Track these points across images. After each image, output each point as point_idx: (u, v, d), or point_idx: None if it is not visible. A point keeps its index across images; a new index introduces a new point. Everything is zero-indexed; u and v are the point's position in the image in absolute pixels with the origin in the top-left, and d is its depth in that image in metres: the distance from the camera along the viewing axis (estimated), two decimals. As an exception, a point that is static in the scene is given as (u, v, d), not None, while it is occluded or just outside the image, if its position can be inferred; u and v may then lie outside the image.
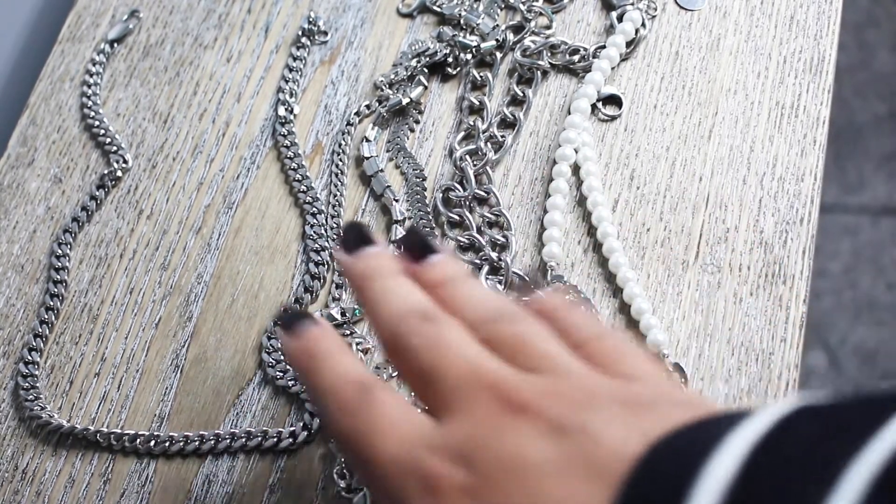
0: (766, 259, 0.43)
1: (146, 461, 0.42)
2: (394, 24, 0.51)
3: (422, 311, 0.32)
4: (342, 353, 0.33)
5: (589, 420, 0.27)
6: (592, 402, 0.28)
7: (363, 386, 0.31)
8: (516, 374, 0.30)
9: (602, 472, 0.26)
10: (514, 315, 0.32)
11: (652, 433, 0.27)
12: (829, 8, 0.49)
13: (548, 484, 0.27)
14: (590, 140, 0.46)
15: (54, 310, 0.45)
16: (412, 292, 0.34)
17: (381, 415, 0.30)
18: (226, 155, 0.48)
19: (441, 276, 0.35)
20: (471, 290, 0.34)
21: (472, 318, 0.33)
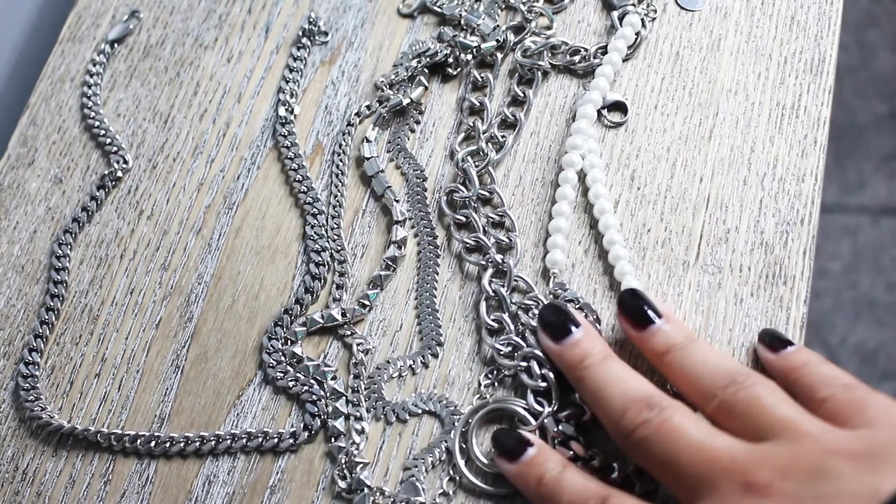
0: (766, 260, 0.43)
1: (147, 462, 0.42)
2: (394, 24, 0.51)
3: (643, 398, 0.34)
4: (568, 470, 0.35)
5: (824, 490, 0.29)
6: (827, 466, 0.29)
7: (602, 499, 0.33)
8: (749, 449, 0.31)
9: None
10: (747, 378, 0.34)
11: (886, 490, 0.28)
12: (830, 8, 0.49)
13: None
14: (595, 147, 0.46)
15: (55, 310, 0.45)
16: (631, 379, 0.35)
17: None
18: (226, 155, 0.48)
19: (667, 344, 0.36)
20: (699, 355, 0.35)
21: (702, 388, 0.34)
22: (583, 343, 0.37)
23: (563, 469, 0.35)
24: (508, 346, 0.42)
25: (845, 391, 0.33)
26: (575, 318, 0.38)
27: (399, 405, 0.42)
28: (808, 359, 0.36)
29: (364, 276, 0.45)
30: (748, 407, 0.33)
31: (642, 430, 0.33)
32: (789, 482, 0.30)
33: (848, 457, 0.30)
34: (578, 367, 0.37)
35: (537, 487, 0.35)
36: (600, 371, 0.36)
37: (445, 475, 0.40)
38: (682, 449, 0.32)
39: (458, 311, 0.44)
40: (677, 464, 0.32)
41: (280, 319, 0.44)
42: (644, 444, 0.33)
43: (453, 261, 0.45)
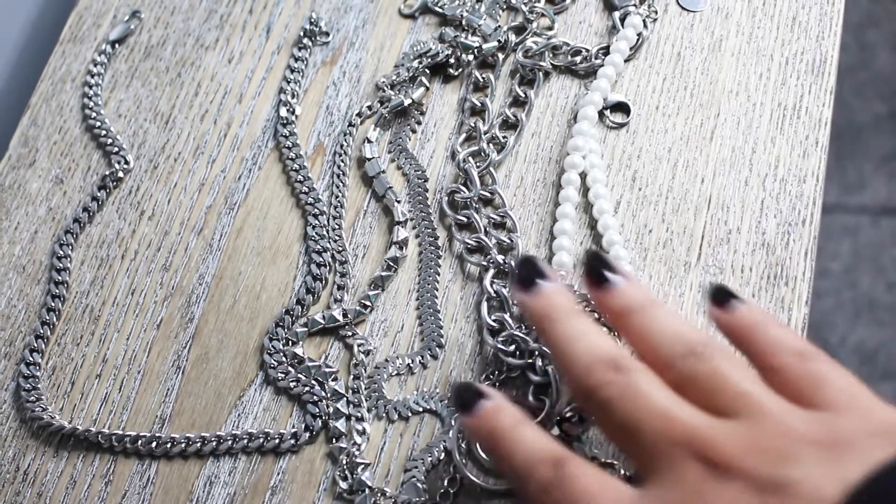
0: (767, 260, 0.43)
1: (148, 462, 0.42)
2: (395, 24, 0.51)
3: (610, 359, 0.33)
4: (522, 425, 0.33)
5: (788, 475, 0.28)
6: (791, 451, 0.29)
7: (557, 461, 0.32)
8: (712, 424, 0.30)
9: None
10: (706, 348, 0.32)
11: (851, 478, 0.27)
12: (831, 9, 0.49)
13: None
14: (596, 147, 0.46)
15: (55, 311, 0.45)
16: (597, 337, 0.34)
17: (579, 490, 0.31)
18: (227, 156, 0.48)
19: (626, 304, 0.35)
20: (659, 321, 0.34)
21: (663, 355, 0.33)
22: (553, 295, 0.36)
23: (517, 423, 0.34)
24: (511, 344, 0.42)
25: (800, 362, 0.32)
26: (547, 273, 0.36)
27: (400, 403, 0.42)
28: (758, 318, 0.34)
29: (365, 277, 0.45)
30: (708, 381, 0.32)
31: (607, 390, 0.32)
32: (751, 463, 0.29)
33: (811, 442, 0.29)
34: (546, 318, 0.35)
35: (491, 440, 0.34)
36: (568, 325, 0.34)
37: (446, 475, 0.40)
38: (645, 414, 0.31)
39: (460, 312, 0.44)
40: (639, 429, 0.31)
41: (281, 320, 0.44)
42: (607, 406, 0.32)
43: (454, 261, 0.45)
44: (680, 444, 0.30)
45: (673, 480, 0.30)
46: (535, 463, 0.32)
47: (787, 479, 0.28)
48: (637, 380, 0.32)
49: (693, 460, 0.29)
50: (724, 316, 0.35)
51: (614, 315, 0.35)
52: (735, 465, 0.29)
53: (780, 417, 0.30)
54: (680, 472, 0.30)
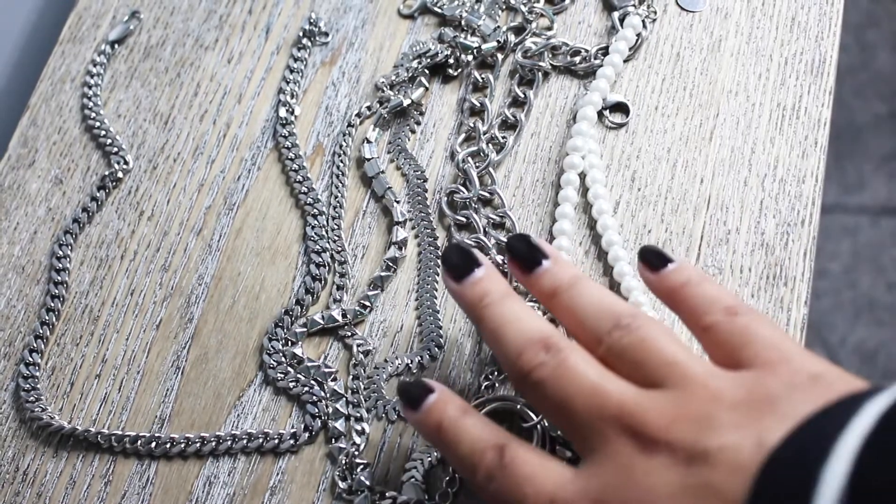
0: (767, 261, 0.43)
1: (147, 463, 0.42)
2: (395, 25, 0.51)
3: (539, 339, 0.33)
4: (466, 416, 0.34)
5: (708, 443, 0.28)
6: (713, 417, 0.29)
7: (498, 448, 0.32)
8: (640, 396, 0.31)
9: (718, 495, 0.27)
10: (632, 319, 0.33)
11: (770, 439, 0.27)
12: (831, 9, 0.49)
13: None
14: (595, 147, 0.46)
15: (55, 311, 0.45)
16: (528, 319, 0.34)
17: (520, 474, 0.31)
18: (227, 156, 0.48)
19: (553, 285, 0.35)
20: (586, 297, 0.34)
21: (592, 331, 0.33)
22: (483, 282, 0.36)
23: (462, 415, 0.34)
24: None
25: (728, 319, 0.32)
26: (477, 259, 0.36)
27: (393, 403, 0.42)
28: (688, 277, 0.34)
29: (364, 277, 0.45)
30: (634, 352, 0.32)
31: (538, 372, 0.32)
32: (675, 434, 0.29)
33: (733, 405, 0.29)
34: (478, 305, 0.35)
35: (437, 434, 0.34)
36: (499, 310, 0.34)
37: (445, 475, 0.40)
38: (575, 391, 0.31)
39: (459, 313, 0.44)
40: (571, 407, 0.31)
41: (280, 320, 0.44)
42: (540, 387, 0.32)
43: (454, 262, 0.45)
44: (610, 419, 0.30)
45: (605, 455, 0.30)
46: (479, 451, 0.32)
47: (708, 447, 0.28)
48: (567, 358, 0.32)
49: (623, 435, 0.30)
50: (654, 277, 0.35)
51: (544, 297, 0.35)
52: (660, 438, 0.29)
53: (705, 383, 0.30)
54: (611, 448, 0.30)
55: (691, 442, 0.28)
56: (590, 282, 0.35)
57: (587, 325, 0.33)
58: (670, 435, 0.29)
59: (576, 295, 0.34)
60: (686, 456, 0.28)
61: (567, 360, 0.32)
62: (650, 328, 0.32)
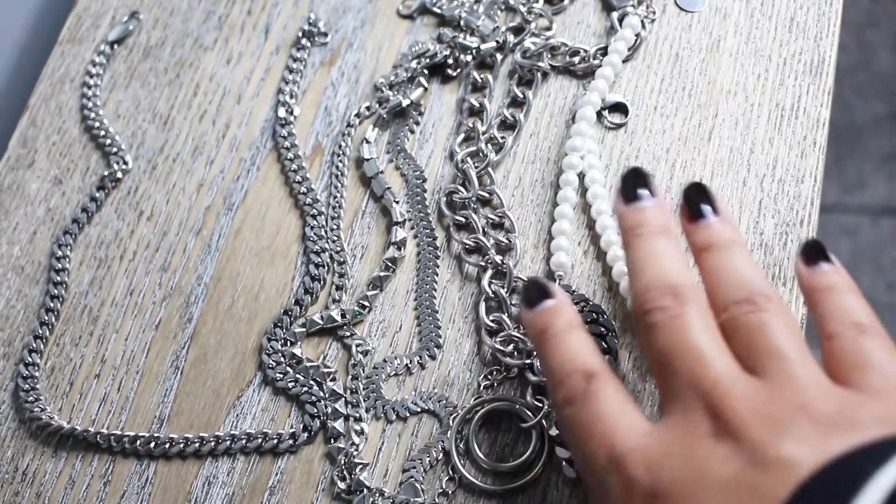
0: (766, 261, 0.43)
1: (146, 463, 0.42)
2: (394, 25, 0.51)
3: (671, 285, 0.33)
4: (571, 331, 0.34)
5: (774, 447, 0.28)
6: (792, 423, 0.29)
7: (587, 376, 0.32)
8: (737, 378, 0.30)
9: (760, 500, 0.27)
10: (763, 300, 0.32)
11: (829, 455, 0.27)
12: (830, 9, 0.49)
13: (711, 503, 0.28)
14: (594, 147, 0.46)
15: (54, 311, 0.45)
16: (671, 260, 0.34)
17: (600, 411, 0.31)
18: (226, 156, 0.48)
19: (710, 241, 0.35)
20: (732, 263, 0.34)
21: (724, 297, 0.33)
22: (648, 210, 0.36)
23: (568, 328, 0.34)
24: (510, 344, 0.42)
25: (854, 336, 0.32)
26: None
27: (398, 403, 0.42)
28: (835, 283, 0.34)
29: (363, 278, 0.45)
30: (751, 332, 0.32)
31: (657, 315, 0.32)
32: (751, 429, 0.29)
33: (814, 418, 0.29)
34: (633, 231, 0.35)
35: (540, 339, 0.34)
36: (649, 241, 0.35)
37: (444, 475, 0.40)
38: (681, 350, 0.31)
39: (458, 313, 0.44)
40: (671, 364, 0.31)
41: (279, 320, 0.44)
42: (651, 330, 0.32)
43: (453, 262, 0.45)
44: (701, 391, 0.30)
45: (679, 423, 0.30)
46: (569, 372, 0.33)
47: (771, 453, 0.28)
48: (687, 312, 0.32)
49: (704, 411, 0.30)
50: (805, 272, 0.35)
51: (697, 248, 0.35)
52: (735, 428, 0.29)
53: (804, 388, 0.30)
54: (688, 418, 0.30)
55: (759, 442, 0.28)
56: (746, 251, 0.35)
57: (721, 289, 0.33)
58: (746, 429, 0.29)
59: (726, 257, 0.34)
60: (750, 454, 0.28)
61: (686, 315, 0.32)
62: (776, 314, 0.32)
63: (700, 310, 0.32)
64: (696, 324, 0.32)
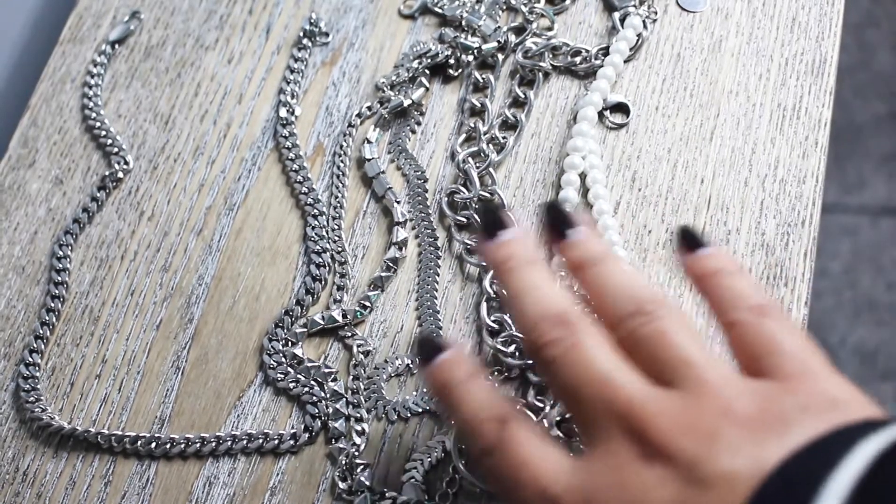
0: (767, 261, 0.43)
1: (147, 463, 0.42)
2: (395, 25, 0.51)
3: (557, 314, 0.32)
4: (472, 381, 0.33)
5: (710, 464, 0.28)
6: (721, 434, 0.28)
7: (500, 422, 0.31)
8: (649, 395, 0.30)
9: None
10: (654, 308, 0.32)
11: (768, 463, 0.27)
12: (831, 10, 0.48)
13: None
14: (596, 147, 0.46)
15: (55, 311, 0.45)
16: (549, 290, 0.33)
17: (520, 454, 0.31)
18: (227, 156, 0.48)
19: (582, 257, 0.34)
20: (612, 276, 0.33)
21: (612, 311, 0.32)
22: (511, 245, 0.35)
23: (469, 377, 0.33)
24: (511, 344, 0.42)
25: (756, 320, 0.31)
26: (508, 221, 0.36)
27: (399, 404, 0.42)
28: (722, 266, 0.33)
29: (365, 278, 0.45)
30: (651, 344, 0.31)
31: (551, 349, 0.31)
32: (679, 446, 0.28)
33: (740, 422, 0.28)
34: (502, 267, 0.34)
35: (442, 394, 0.33)
36: (521, 275, 0.34)
37: (445, 476, 0.40)
38: (586, 380, 0.30)
39: (459, 313, 0.44)
40: (578, 394, 0.30)
41: (281, 321, 0.44)
42: (550, 365, 0.31)
43: (454, 262, 0.45)
44: (616, 415, 0.30)
45: (605, 452, 0.30)
46: (480, 420, 0.32)
47: (708, 470, 0.27)
48: (581, 340, 0.31)
49: (626, 435, 0.29)
50: (686, 258, 0.34)
51: (572, 267, 0.34)
52: (663, 448, 0.28)
53: (720, 391, 0.29)
54: (613, 446, 0.29)
55: (693, 459, 0.28)
56: (620, 261, 0.34)
57: (609, 305, 0.33)
58: (673, 447, 0.28)
59: (604, 271, 0.33)
60: (686, 473, 0.28)
61: (581, 343, 0.31)
62: (671, 320, 0.31)
63: (593, 333, 0.32)
64: (593, 349, 0.31)
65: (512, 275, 0.34)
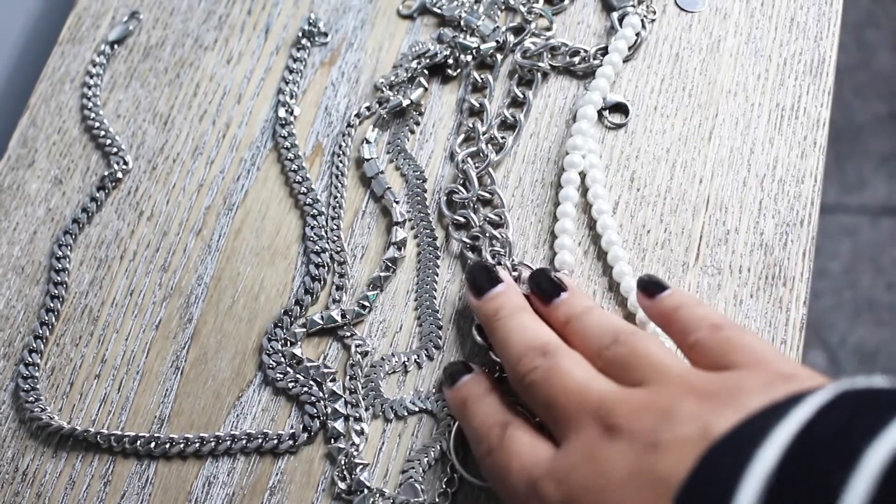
0: (766, 261, 0.43)
1: (146, 463, 0.42)
2: (394, 25, 0.51)
3: (540, 346, 0.36)
4: (487, 395, 0.38)
5: (664, 432, 0.30)
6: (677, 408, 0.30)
7: (503, 426, 0.35)
8: (619, 392, 0.33)
9: (661, 483, 0.29)
10: (629, 335, 0.35)
11: (716, 431, 0.29)
12: (830, 10, 0.49)
13: (617, 498, 0.29)
14: (595, 147, 0.46)
15: (54, 311, 0.45)
16: (533, 328, 0.37)
17: (513, 450, 0.34)
18: (226, 156, 0.48)
19: (568, 314, 0.38)
20: (594, 320, 0.37)
21: (593, 347, 0.36)
22: (500, 297, 0.39)
23: (485, 393, 0.38)
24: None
25: (713, 332, 0.34)
26: (498, 277, 0.40)
27: (396, 402, 0.42)
28: (681, 301, 0.36)
29: (364, 278, 0.45)
30: (626, 358, 0.34)
31: (533, 374, 0.35)
32: (637, 424, 0.31)
33: (697, 397, 0.30)
34: (492, 318, 0.38)
35: (461, 408, 0.38)
36: (509, 322, 0.38)
37: (444, 475, 0.40)
38: (561, 391, 0.34)
39: (458, 313, 0.44)
40: (555, 405, 0.34)
41: (280, 320, 0.44)
42: (532, 388, 0.35)
43: (453, 262, 0.45)
44: (589, 412, 0.32)
45: (576, 440, 0.32)
46: (487, 427, 0.36)
47: (661, 437, 0.30)
48: (559, 362, 0.35)
49: (594, 422, 0.32)
50: (649, 303, 0.38)
51: (559, 325, 0.38)
52: (623, 426, 0.31)
53: (682, 379, 0.32)
54: (582, 434, 0.32)
55: (649, 431, 0.30)
56: (601, 310, 0.38)
57: (590, 342, 0.36)
58: (632, 423, 0.31)
59: (587, 320, 0.37)
60: (642, 444, 0.30)
61: (558, 364, 0.35)
62: (644, 341, 0.35)
63: (570, 355, 0.35)
64: (568, 367, 0.34)
65: (501, 322, 0.38)
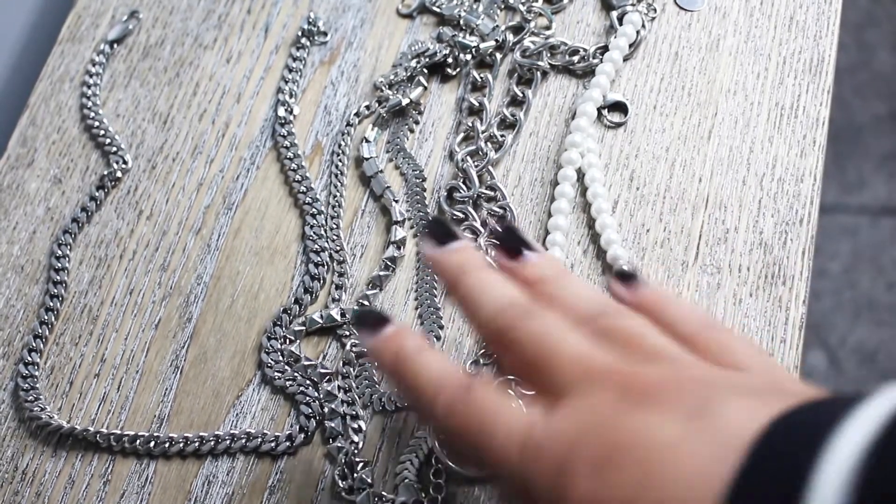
0: (765, 260, 0.43)
1: (146, 462, 0.42)
2: (393, 24, 0.51)
3: (521, 304, 0.32)
4: (426, 350, 0.33)
5: (711, 401, 0.27)
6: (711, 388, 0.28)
7: (462, 383, 0.31)
8: (631, 362, 0.30)
9: (727, 442, 0.26)
10: (618, 311, 0.32)
11: (774, 410, 0.26)
12: (829, 8, 0.49)
13: (671, 455, 0.26)
14: (594, 145, 0.46)
15: (54, 310, 0.45)
16: (507, 286, 0.33)
17: (488, 409, 0.30)
18: (225, 155, 0.48)
19: (539, 274, 0.34)
20: (573, 288, 0.33)
21: (576, 314, 0.32)
22: (464, 251, 0.35)
23: (422, 349, 0.33)
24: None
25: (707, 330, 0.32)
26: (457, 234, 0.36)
27: (387, 394, 0.42)
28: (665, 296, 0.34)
29: (363, 277, 0.45)
30: (624, 333, 0.31)
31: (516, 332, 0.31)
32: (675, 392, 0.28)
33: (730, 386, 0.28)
34: (457, 272, 0.34)
35: (394, 363, 0.33)
36: (479, 274, 0.34)
37: (431, 467, 0.40)
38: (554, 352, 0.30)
39: (458, 311, 0.44)
40: (550, 364, 0.30)
41: (279, 319, 0.44)
42: (515, 346, 0.31)
43: (452, 261, 0.45)
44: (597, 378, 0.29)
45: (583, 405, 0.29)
46: (443, 384, 0.31)
47: (709, 405, 0.27)
48: (545, 314, 0.31)
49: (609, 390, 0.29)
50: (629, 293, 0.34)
51: (528, 283, 0.34)
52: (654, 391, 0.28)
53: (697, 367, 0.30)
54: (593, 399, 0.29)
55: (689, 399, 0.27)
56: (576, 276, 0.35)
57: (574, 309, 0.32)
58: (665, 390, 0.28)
59: (563, 285, 0.34)
60: (688, 411, 0.27)
61: (546, 317, 0.31)
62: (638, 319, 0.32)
63: (560, 318, 0.32)
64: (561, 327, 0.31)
65: (466, 278, 0.34)
